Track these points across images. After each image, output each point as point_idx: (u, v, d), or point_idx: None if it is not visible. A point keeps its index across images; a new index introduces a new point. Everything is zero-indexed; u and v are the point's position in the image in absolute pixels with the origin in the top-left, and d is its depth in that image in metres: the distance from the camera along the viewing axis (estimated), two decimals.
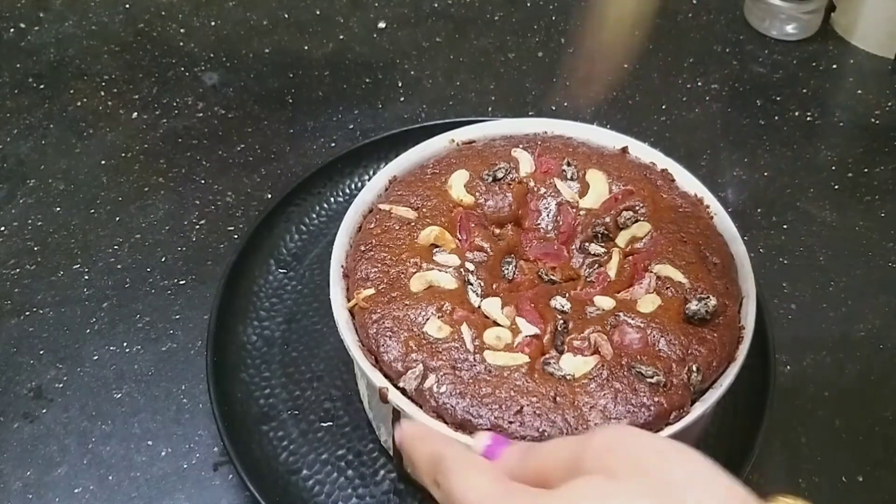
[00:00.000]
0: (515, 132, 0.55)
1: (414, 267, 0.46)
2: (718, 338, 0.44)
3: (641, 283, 0.46)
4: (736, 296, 0.46)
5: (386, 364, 0.43)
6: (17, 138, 0.70)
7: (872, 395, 0.54)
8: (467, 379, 0.42)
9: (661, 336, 0.43)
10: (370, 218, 0.50)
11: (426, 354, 0.43)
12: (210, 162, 0.68)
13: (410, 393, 0.42)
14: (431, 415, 0.41)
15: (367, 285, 0.46)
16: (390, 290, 0.45)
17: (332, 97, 0.74)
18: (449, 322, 0.44)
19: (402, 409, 0.42)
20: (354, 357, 0.44)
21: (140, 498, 0.49)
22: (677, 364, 0.42)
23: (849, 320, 0.58)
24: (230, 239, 0.63)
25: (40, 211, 0.65)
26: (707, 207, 0.51)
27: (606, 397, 0.41)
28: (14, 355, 0.56)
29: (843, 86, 0.76)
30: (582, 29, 0.81)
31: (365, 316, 0.45)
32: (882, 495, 0.50)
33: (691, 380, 0.42)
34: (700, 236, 0.48)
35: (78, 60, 0.77)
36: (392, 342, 0.43)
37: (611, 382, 0.41)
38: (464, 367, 0.42)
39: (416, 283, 0.46)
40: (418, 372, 0.42)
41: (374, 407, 0.49)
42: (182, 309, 0.58)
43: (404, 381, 0.42)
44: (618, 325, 0.44)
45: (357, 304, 0.46)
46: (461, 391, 0.41)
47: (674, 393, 0.41)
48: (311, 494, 0.48)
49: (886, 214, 0.65)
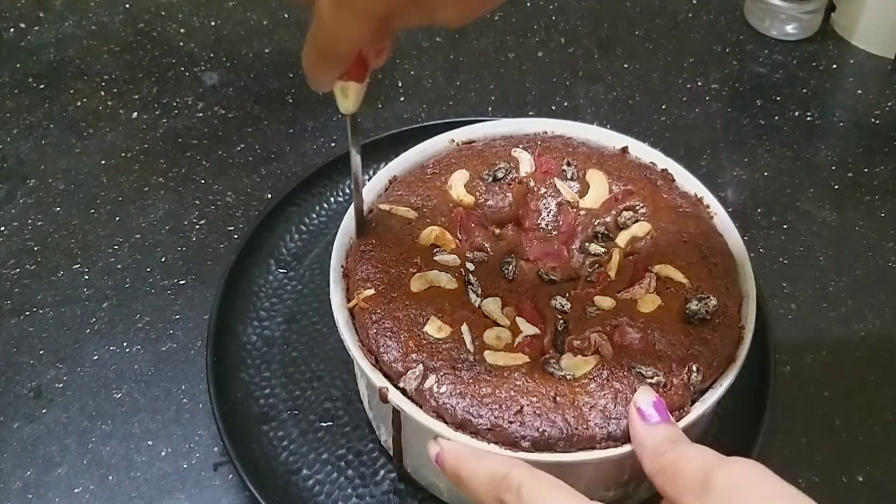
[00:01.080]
0: (515, 132, 0.55)
1: (414, 267, 0.46)
2: (719, 338, 0.44)
3: (642, 284, 0.46)
4: (736, 296, 0.46)
5: (386, 364, 0.43)
6: (17, 138, 0.70)
7: (872, 394, 0.54)
8: (467, 379, 0.42)
9: (662, 336, 0.43)
10: (370, 218, 0.50)
11: (426, 355, 0.43)
12: (210, 162, 0.68)
13: (410, 393, 0.42)
14: (431, 415, 0.41)
15: (368, 285, 0.46)
16: (390, 290, 0.45)
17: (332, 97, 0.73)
18: (449, 322, 0.44)
19: (402, 409, 0.42)
20: (354, 357, 0.44)
21: (140, 498, 0.49)
22: (678, 364, 0.42)
23: (849, 320, 0.58)
24: (230, 239, 0.63)
25: (40, 211, 0.65)
26: (707, 207, 0.51)
27: (606, 397, 0.41)
28: (14, 355, 0.56)
29: (843, 86, 0.76)
30: (581, 29, 0.81)
31: (365, 316, 0.45)
32: (882, 495, 0.50)
33: (691, 380, 0.42)
34: (700, 236, 0.48)
35: (78, 60, 0.77)
36: (392, 342, 0.43)
37: (611, 382, 0.41)
38: (464, 367, 0.42)
39: (417, 284, 0.46)
40: (418, 372, 0.42)
41: (375, 407, 0.49)
42: (182, 309, 0.58)
43: (404, 381, 0.42)
44: (618, 326, 0.44)
45: (357, 305, 0.46)
46: (461, 391, 0.41)
47: (674, 393, 0.41)
48: (311, 494, 0.48)
49: (886, 214, 0.65)
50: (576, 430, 0.40)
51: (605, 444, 0.40)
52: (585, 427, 0.40)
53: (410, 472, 0.48)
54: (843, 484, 0.50)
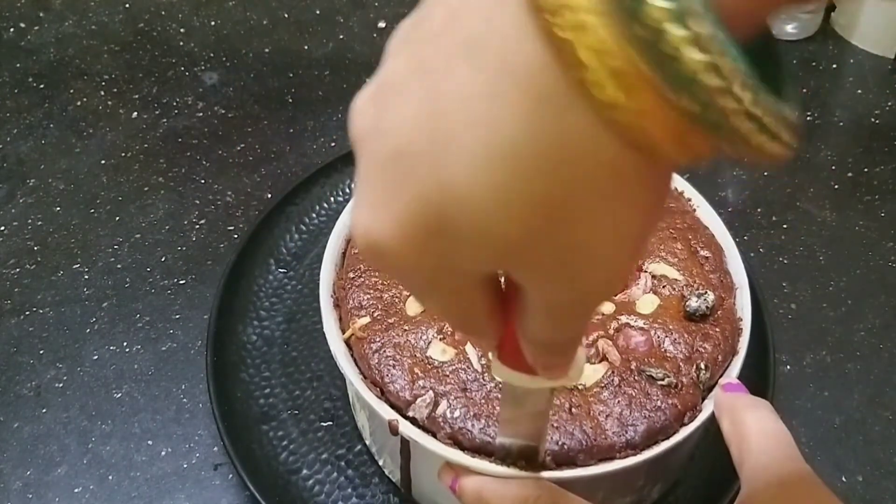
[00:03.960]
0: None
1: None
2: (720, 332, 0.44)
3: (638, 284, 0.46)
4: (730, 287, 0.46)
5: (393, 394, 0.41)
6: (17, 138, 0.70)
7: (872, 394, 0.54)
8: (479, 400, 0.41)
9: (666, 336, 0.43)
10: (353, 244, 0.48)
11: (434, 380, 0.41)
12: (210, 162, 0.68)
13: (422, 421, 0.40)
14: (447, 442, 0.40)
15: (362, 314, 0.44)
16: (386, 316, 0.44)
17: (332, 97, 0.74)
18: (451, 343, 0.43)
19: (414, 439, 0.40)
20: (359, 391, 0.42)
21: (140, 498, 0.49)
22: (684, 363, 0.42)
23: (849, 320, 0.58)
24: (230, 239, 0.63)
25: (40, 211, 0.65)
26: (689, 200, 0.51)
27: (621, 404, 0.40)
28: (14, 355, 0.56)
29: (843, 85, 0.76)
30: None
31: (363, 346, 0.43)
32: (882, 495, 0.50)
33: (700, 377, 0.42)
34: (688, 230, 0.48)
35: (78, 60, 0.77)
36: (397, 371, 0.42)
37: (623, 389, 0.41)
38: (474, 388, 0.41)
39: (413, 306, 0.44)
40: (428, 399, 0.41)
41: (379, 439, 0.47)
42: (182, 309, 0.58)
43: (414, 409, 0.41)
44: (621, 329, 0.43)
45: (353, 335, 0.44)
46: (475, 413, 0.40)
47: (685, 393, 0.41)
48: (311, 494, 0.48)
49: (886, 214, 0.65)
50: (595, 441, 0.39)
51: (624, 453, 0.40)
52: (604, 437, 0.40)
53: (420, 501, 0.47)
54: (843, 484, 0.50)
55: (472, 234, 0.20)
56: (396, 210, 0.21)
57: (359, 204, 0.23)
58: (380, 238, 0.22)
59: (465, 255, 0.21)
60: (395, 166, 0.21)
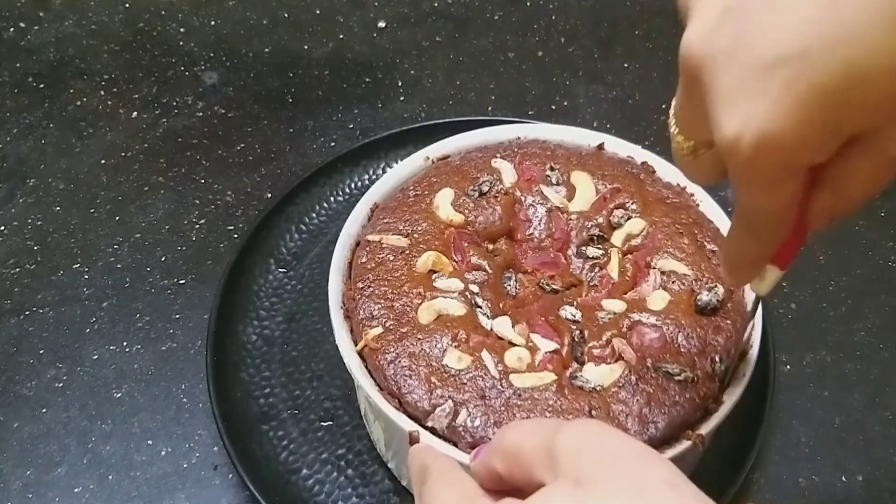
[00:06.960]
0: (489, 141, 0.53)
1: (418, 297, 0.44)
2: (732, 324, 0.44)
3: (647, 281, 0.46)
4: None
5: (411, 405, 0.41)
6: (17, 138, 0.70)
7: (872, 394, 0.54)
8: (499, 407, 0.40)
9: (679, 331, 0.43)
10: (360, 252, 0.48)
11: (452, 389, 0.41)
12: (210, 162, 0.68)
13: (442, 431, 0.40)
14: (467, 451, 0.39)
15: (374, 324, 0.44)
16: (399, 325, 0.43)
17: (332, 97, 0.74)
18: (467, 350, 0.42)
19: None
20: (376, 402, 0.41)
21: (140, 497, 0.49)
22: (699, 357, 0.42)
23: (849, 320, 0.58)
24: (230, 238, 0.63)
25: (40, 210, 0.65)
26: (692, 196, 0.51)
27: (640, 402, 0.40)
28: (14, 355, 0.56)
29: None
30: (581, 28, 0.81)
31: (378, 357, 0.43)
32: (882, 495, 0.50)
33: (716, 370, 0.42)
34: (694, 225, 0.48)
35: (78, 60, 0.77)
36: (414, 381, 0.41)
37: (641, 386, 0.41)
38: (493, 395, 0.40)
39: (425, 315, 0.44)
40: (448, 409, 0.40)
41: (397, 453, 0.47)
42: (182, 308, 0.58)
43: (433, 419, 0.40)
44: (633, 327, 0.43)
45: (367, 346, 0.43)
46: (496, 420, 0.40)
47: (702, 386, 0.41)
48: (311, 494, 0.48)
49: (886, 214, 0.65)
50: None
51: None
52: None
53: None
54: (843, 484, 0.50)
55: (882, 93, 0.24)
56: (790, 105, 0.24)
57: (736, 113, 0.26)
58: (779, 131, 0.25)
59: (865, 119, 0.25)
60: (782, 67, 0.24)
